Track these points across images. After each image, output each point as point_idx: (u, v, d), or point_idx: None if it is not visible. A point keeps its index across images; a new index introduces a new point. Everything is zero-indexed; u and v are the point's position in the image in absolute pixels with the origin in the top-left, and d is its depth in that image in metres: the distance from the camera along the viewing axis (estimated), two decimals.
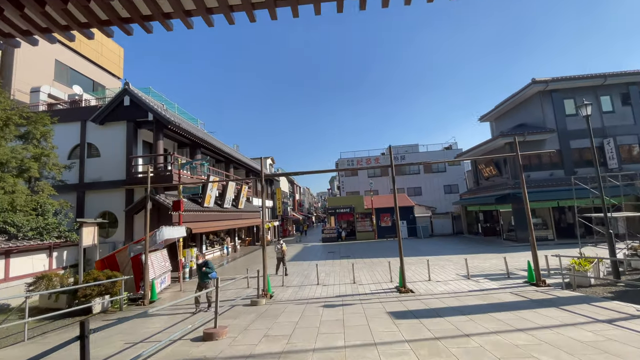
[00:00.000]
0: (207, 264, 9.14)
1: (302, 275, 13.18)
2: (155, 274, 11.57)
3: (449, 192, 37.54)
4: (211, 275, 9.05)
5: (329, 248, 23.12)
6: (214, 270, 9.14)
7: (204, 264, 9.18)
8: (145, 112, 15.38)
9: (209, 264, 9.17)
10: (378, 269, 13.64)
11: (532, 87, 21.51)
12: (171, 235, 11.75)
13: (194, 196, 18.09)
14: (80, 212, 15.45)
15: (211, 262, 9.34)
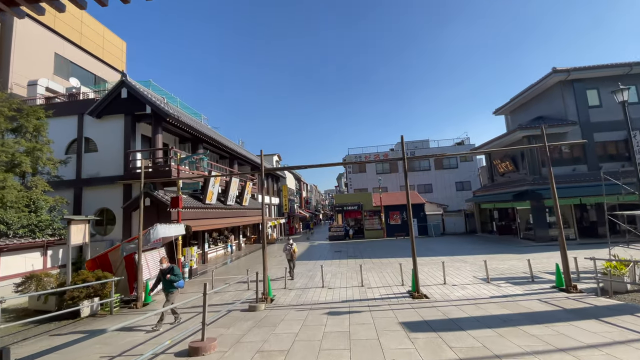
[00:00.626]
0: (172, 270, 7.78)
1: (306, 277, 12.36)
2: (150, 275, 10.90)
3: (460, 189, 36.24)
4: (177, 284, 7.74)
5: (336, 247, 22.26)
6: (180, 277, 7.84)
7: (168, 270, 7.79)
8: (144, 104, 14.73)
9: (175, 270, 7.81)
10: (388, 270, 12.73)
11: (552, 76, 20.18)
12: (167, 233, 11.05)
13: (195, 193, 17.43)
14: (77, 209, 14.92)
15: (177, 268, 7.95)
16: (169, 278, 7.70)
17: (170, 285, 7.75)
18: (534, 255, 14.36)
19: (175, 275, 7.74)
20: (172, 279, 7.71)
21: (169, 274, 7.74)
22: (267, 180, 33.57)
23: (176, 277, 7.73)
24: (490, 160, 26.65)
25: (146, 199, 14.12)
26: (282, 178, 38.65)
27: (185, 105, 22.33)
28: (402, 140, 9.61)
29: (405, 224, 26.96)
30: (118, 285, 10.48)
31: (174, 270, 7.78)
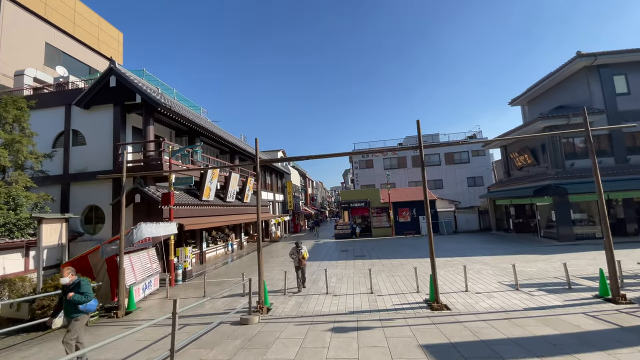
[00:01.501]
0: (78, 286, 5.43)
1: (309, 280, 11.18)
2: (136, 279, 9.85)
3: (472, 185, 34.71)
4: (84, 307, 5.37)
5: (342, 246, 21.06)
6: (90, 297, 5.49)
7: (72, 286, 5.45)
8: (134, 94, 13.65)
9: (83, 286, 5.46)
10: (399, 274, 11.48)
11: (576, 62, 18.55)
12: (155, 233, 9.96)
13: (192, 189, 16.36)
14: (64, 206, 13.96)
15: (87, 283, 5.60)
16: (72, 298, 5.27)
17: (74, 308, 5.31)
18: (561, 257, 12.97)
19: (83, 293, 5.36)
20: (77, 299, 5.29)
21: (72, 291, 5.36)
22: (270, 177, 32.48)
23: (83, 297, 5.34)
24: (506, 154, 25.08)
25: (136, 195, 13.09)
26: (287, 174, 37.53)
27: (183, 97, 21.26)
28: (418, 126, 8.31)
29: (415, 222, 25.62)
30: (99, 291, 9.45)
31: (81, 287, 5.43)
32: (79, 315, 5.41)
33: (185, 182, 12.89)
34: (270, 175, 32.60)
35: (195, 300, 9.75)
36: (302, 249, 10.05)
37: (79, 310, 5.37)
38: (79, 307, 5.34)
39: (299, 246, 10.08)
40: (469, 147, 35.42)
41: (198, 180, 15.80)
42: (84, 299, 5.35)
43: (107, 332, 7.52)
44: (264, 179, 30.25)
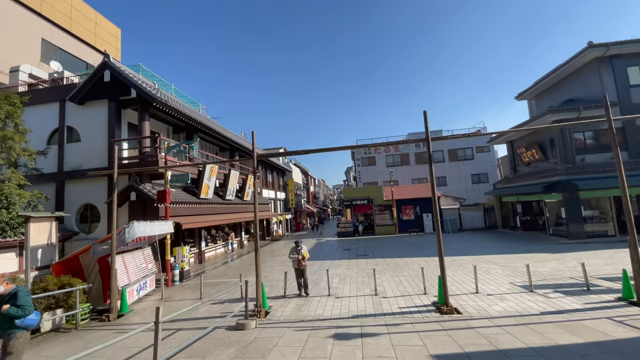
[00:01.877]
0: (15, 296, 4.58)
1: (310, 281, 10.71)
2: (130, 280, 9.43)
3: (477, 182, 34.06)
4: (20, 322, 4.49)
5: (345, 244, 20.59)
6: (30, 310, 4.60)
7: (9, 296, 4.60)
8: (129, 88, 13.24)
9: (21, 297, 4.58)
10: (405, 274, 10.99)
11: (588, 52, 17.87)
12: (148, 232, 9.53)
13: (190, 187, 15.95)
14: (59, 204, 13.58)
15: (26, 293, 4.71)
16: (7, 311, 4.42)
17: (9, 323, 4.47)
18: (574, 256, 12.43)
19: (20, 306, 4.50)
20: (12, 313, 4.43)
21: (7, 303, 4.52)
22: (271, 174, 32.06)
23: (20, 311, 4.47)
24: (513, 150, 24.46)
25: (132, 193, 12.68)
26: (288, 172, 37.08)
27: (181, 93, 20.79)
28: (425, 118, 7.79)
29: (419, 219, 25.08)
30: (90, 293, 9.06)
31: (18, 298, 4.55)
32: (17, 332, 4.50)
33: (182, 179, 12.46)
34: (272, 173, 32.17)
35: (191, 302, 9.33)
36: (302, 248, 9.21)
37: (16, 325, 4.48)
38: (15, 322, 4.48)
39: (299, 245, 9.28)
40: (473, 144, 34.75)
41: (196, 177, 15.38)
42: (20, 313, 4.47)
43: (98, 336, 7.11)
44: (265, 176, 29.84)
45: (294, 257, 9.09)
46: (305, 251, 9.20)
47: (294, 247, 9.33)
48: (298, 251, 9.19)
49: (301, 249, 9.18)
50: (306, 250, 9.29)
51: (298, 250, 9.20)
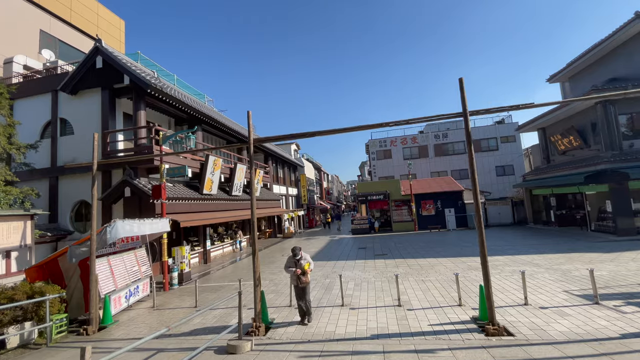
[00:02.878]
0: None
1: (321, 286, 9.35)
2: (116, 285, 8.32)
3: (502, 174, 31.81)
4: None
5: (360, 242, 19.11)
6: None
7: None
8: (122, 75, 12.14)
9: None
10: (431, 278, 9.44)
11: (635, 23, 15.61)
12: (135, 231, 8.37)
13: (193, 182, 14.85)
14: (53, 201, 12.72)
15: None
16: None
17: None
18: (630, 255, 10.60)
19: None
20: None
21: None
22: (282, 169, 30.82)
23: None
24: (545, 137, 22.23)
25: (126, 188, 11.62)
26: (300, 167, 35.79)
27: (185, 84, 19.78)
28: (461, 86, 6.21)
29: (440, 215, 23.26)
30: (71, 301, 7.99)
31: None
32: None
33: (179, 173, 11.30)
34: (283, 168, 30.94)
35: (185, 311, 8.14)
36: (304, 258, 6.57)
37: None
38: None
39: (297, 254, 6.51)
40: (497, 133, 32.46)
41: (198, 172, 14.26)
42: None
43: (68, 356, 5.98)
44: (275, 171, 28.63)
45: (292, 272, 6.45)
46: (308, 262, 6.57)
47: (291, 256, 6.65)
48: (297, 262, 6.52)
49: (301, 258, 6.54)
50: (310, 260, 6.66)
51: (297, 262, 6.52)
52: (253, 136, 6.85)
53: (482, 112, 6.47)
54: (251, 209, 6.69)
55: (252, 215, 6.68)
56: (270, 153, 26.65)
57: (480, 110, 6.46)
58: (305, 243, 20.76)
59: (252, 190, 6.78)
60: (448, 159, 32.73)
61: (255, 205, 6.73)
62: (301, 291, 6.52)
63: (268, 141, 7.14)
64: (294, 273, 6.46)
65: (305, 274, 6.47)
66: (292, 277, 6.58)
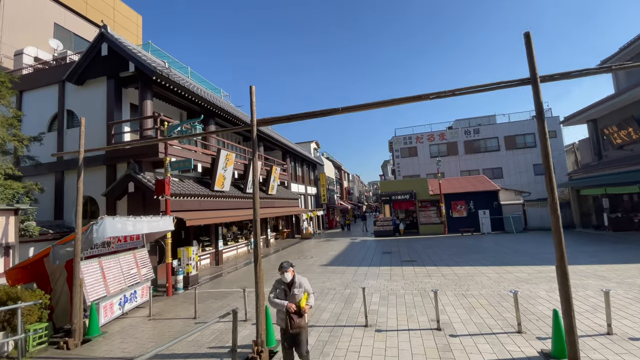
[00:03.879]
0: None
1: (340, 297, 7.98)
2: (108, 291, 7.35)
3: (541, 174, 29.02)
4: None
5: (384, 246, 17.53)
6: None
7: None
8: (128, 62, 11.35)
9: None
10: (473, 291, 7.83)
11: None
12: (130, 230, 7.38)
13: (204, 178, 13.92)
14: (59, 197, 12.15)
15: None
16: None
17: None
18: None
19: None
20: None
21: None
22: (301, 167, 29.68)
23: None
24: (596, 130, 19.70)
25: (130, 183, 10.77)
26: (320, 165, 34.54)
27: (201, 78, 19.03)
28: (527, 43, 4.66)
29: (473, 217, 21.19)
30: (57, 307, 7.10)
31: None
32: None
33: (184, 166, 10.30)
34: (302, 166, 29.80)
35: (183, 323, 7.04)
36: (299, 286, 4.20)
37: None
38: None
39: (285, 273, 4.17)
40: (534, 129, 29.67)
41: (209, 167, 13.30)
42: None
43: None
44: (294, 170, 27.53)
45: (281, 307, 4.07)
46: (306, 294, 4.18)
47: (277, 280, 4.33)
48: (287, 290, 4.18)
49: (294, 285, 4.18)
50: (309, 290, 4.25)
51: (287, 288, 4.19)
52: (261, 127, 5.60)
53: (557, 77, 4.85)
54: (253, 207, 5.47)
55: (254, 213, 5.45)
56: (289, 150, 25.56)
57: (555, 75, 4.84)
58: (324, 245, 19.43)
59: (254, 183, 5.55)
60: (480, 157, 30.35)
61: (258, 201, 5.49)
62: (292, 339, 4.07)
63: (277, 122, 5.87)
64: (283, 309, 3.99)
65: (302, 314, 4.03)
66: (278, 315, 4.14)
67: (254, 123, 5.52)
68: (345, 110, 5.19)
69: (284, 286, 4.24)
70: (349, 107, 5.17)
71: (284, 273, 4.20)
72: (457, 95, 4.94)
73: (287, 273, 4.20)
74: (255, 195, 5.46)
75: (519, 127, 30.09)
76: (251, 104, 5.56)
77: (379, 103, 5.09)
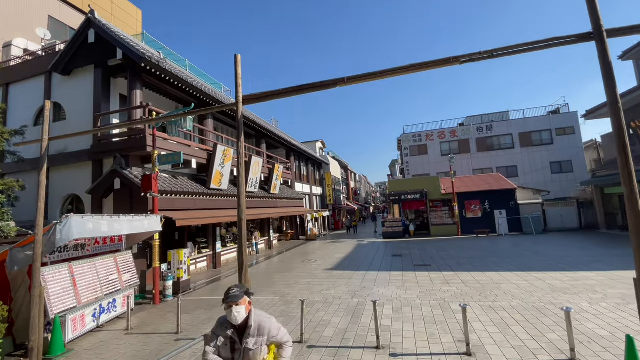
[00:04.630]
0: None
1: (346, 309, 6.91)
2: (79, 300, 6.40)
3: (558, 172, 27.55)
4: None
5: (394, 248, 16.38)
6: None
7: None
8: (115, 49, 10.48)
9: None
10: (502, 303, 6.67)
11: None
12: (105, 231, 6.43)
13: (201, 175, 13.00)
14: None
15: None
16: None
17: None
18: None
19: None
20: None
21: None
22: (306, 166, 28.68)
23: None
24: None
25: (116, 180, 9.86)
26: (325, 164, 33.49)
27: (200, 72, 18.19)
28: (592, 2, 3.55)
29: (488, 217, 19.88)
30: (17, 320, 6.16)
31: None
32: None
33: (173, 160, 9.33)
34: (306, 165, 28.80)
35: (163, 338, 6.04)
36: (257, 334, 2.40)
37: None
38: None
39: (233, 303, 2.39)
40: (551, 125, 28.22)
41: (205, 163, 12.37)
42: None
43: None
44: (298, 169, 26.53)
45: None
46: (273, 348, 2.50)
47: (220, 321, 2.55)
48: (236, 339, 2.41)
49: (250, 332, 2.39)
50: (278, 338, 2.47)
51: (235, 339, 2.41)
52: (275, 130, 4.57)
53: (625, 31, 3.73)
54: (238, 206, 4.44)
55: (239, 212, 4.42)
56: (293, 148, 24.59)
57: (624, 28, 3.72)
58: (329, 247, 18.35)
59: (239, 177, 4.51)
60: (493, 155, 28.95)
61: (243, 196, 4.46)
62: None
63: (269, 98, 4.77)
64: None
65: None
66: None
67: (239, 99, 4.49)
68: (352, 81, 4.13)
69: (231, 332, 2.41)
70: (357, 77, 4.11)
71: (231, 308, 2.36)
72: (496, 56, 3.86)
73: (237, 308, 2.36)
74: (241, 188, 4.44)
75: (534, 123, 28.62)
76: (236, 76, 4.52)
77: (396, 70, 4.01)
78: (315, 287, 8.89)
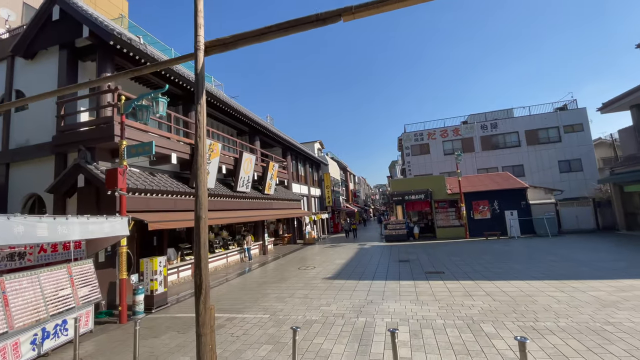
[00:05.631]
0: None
1: (350, 333, 5.53)
2: (11, 325, 5.01)
3: (567, 171, 26.33)
4: None
5: (399, 253, 15.02)
6: None
7: None
8: (82, 27, 9.14)
9: None
10: (547, 323, 5.32)
11: None
12: (42, 236, 5.06)
13: (184, 173, 11.63)
14: (2, 194, 9.89)
15: None
16: None
17: None
18: None
19: None
20: None
21: None
22: (304, 167, 27.34)
23: None
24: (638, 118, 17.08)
25: (79, 176, 8.47)
26: (324, 165, 32.17)
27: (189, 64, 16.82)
28: None
29: (498, 218, 18.58)
30: None
31: None
32: None
33: (143, 152, 7.93)
34: (304, 165, 27.47)
35: None
36: None
37: None
38: None
39: None
40: (559, 122, 27.05)
41: (188, 158, 11.00)
42: None
43: None
44: (295, 169, 25.18)
45: None
46: None
47: None
48: None
49: None
50: None
51: None
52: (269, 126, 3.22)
53: None
54: (195, 207, 3.09)
55: (196, 213, 3.07)
56: (290, 147, 23.25)
57: None
58: (329, 252, 16.96)
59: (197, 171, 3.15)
60: (498, 154, 27.73)
61: (205, 201, 3.11)
62: None
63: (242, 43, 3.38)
64: None
65: None
66: None
67: (199, 46, 3.14)
68: (361, 11, 2.79)
69: None
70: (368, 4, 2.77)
71: None
72: None
73: None
74: (200, 177, 3.08)
75: (541, 120, 27.46)
76: (196, 13, 3.17)
77: None
78: (313, 302, 7.51)
